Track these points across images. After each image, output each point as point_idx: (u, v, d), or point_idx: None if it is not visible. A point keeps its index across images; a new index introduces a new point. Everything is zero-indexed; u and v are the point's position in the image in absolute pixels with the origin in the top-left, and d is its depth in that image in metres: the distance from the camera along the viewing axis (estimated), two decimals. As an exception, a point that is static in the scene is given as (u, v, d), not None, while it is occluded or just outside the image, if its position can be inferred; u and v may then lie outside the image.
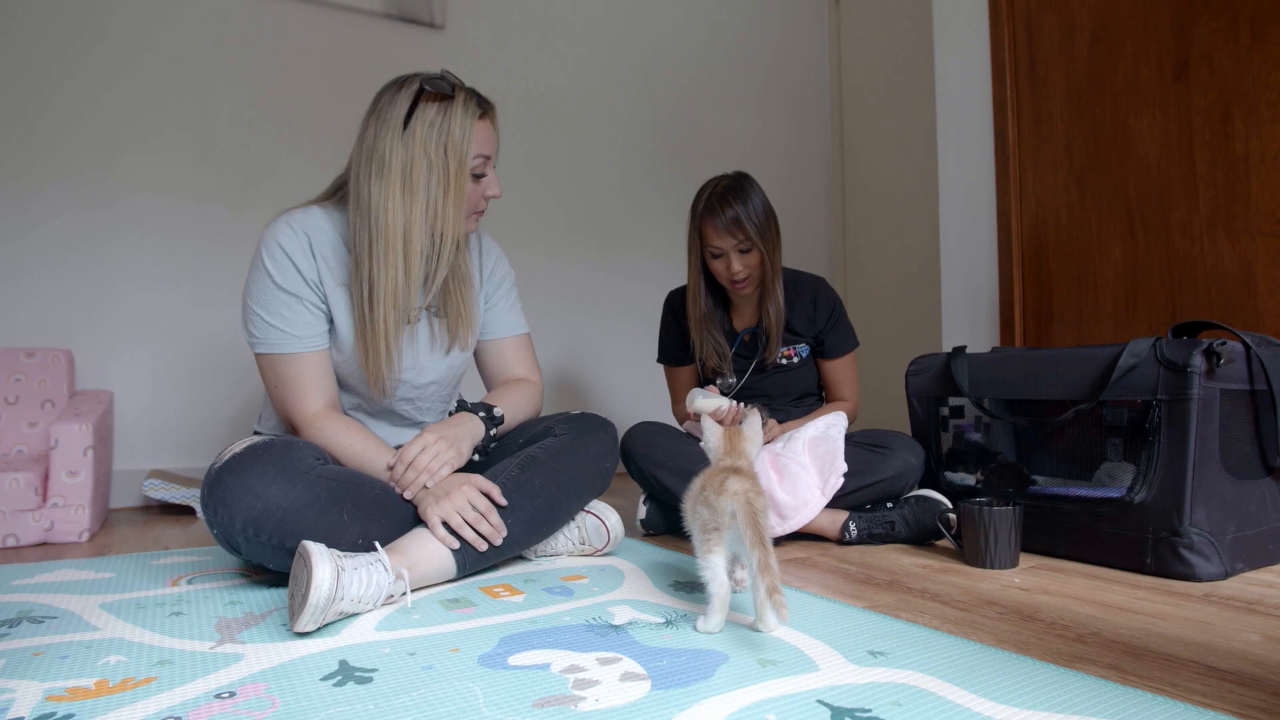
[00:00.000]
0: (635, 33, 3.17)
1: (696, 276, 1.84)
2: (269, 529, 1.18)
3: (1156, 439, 1.36)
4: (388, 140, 1.32)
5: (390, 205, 1.32)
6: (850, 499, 1.62)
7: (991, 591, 1.25)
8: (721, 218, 1.74)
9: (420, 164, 1.32)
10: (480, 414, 1.44)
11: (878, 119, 3.46)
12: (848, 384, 1.93)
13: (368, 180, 1.32)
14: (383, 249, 1.32)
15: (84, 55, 2.24)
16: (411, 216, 1.33)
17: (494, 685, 0.86)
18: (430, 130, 1.32)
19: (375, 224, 1.32)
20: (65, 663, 0.95)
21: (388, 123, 1.32)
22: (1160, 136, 2.02)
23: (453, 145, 1.33)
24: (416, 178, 1.32)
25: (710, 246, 1.77)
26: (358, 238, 1.34)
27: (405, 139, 1.32)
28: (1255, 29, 1.84)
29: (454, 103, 1.34)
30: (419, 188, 1.32)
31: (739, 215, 1.73)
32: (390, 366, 1.39)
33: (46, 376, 2.10)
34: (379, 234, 1.32)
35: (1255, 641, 0.99)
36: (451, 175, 1.34)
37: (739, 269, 1.76)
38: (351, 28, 2.59)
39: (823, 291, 1.90)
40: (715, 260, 1.79)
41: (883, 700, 0.80)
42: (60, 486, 1.78)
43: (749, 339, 1.90)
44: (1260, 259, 1.84)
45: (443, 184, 1.34)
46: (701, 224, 1.78)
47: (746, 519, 0.97)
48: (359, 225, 1.33)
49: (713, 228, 1.75)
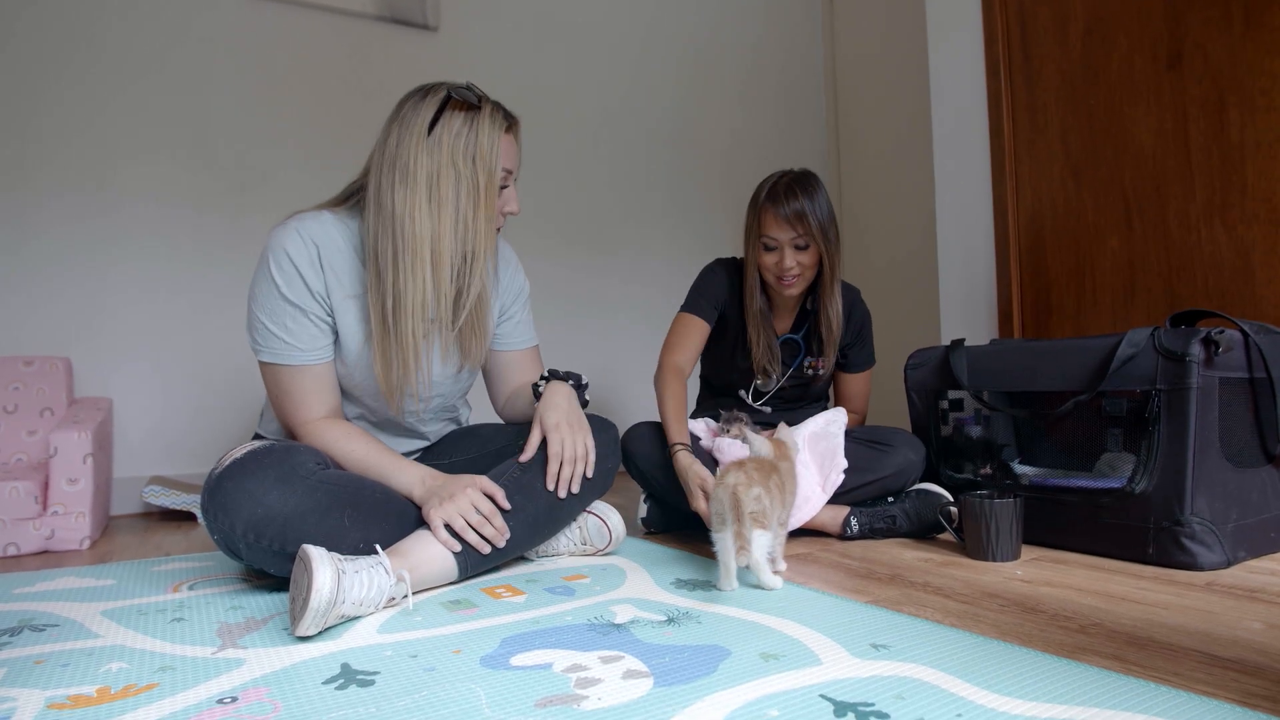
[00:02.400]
0: (630, 32, 3.17)
1: (754, 272, 1.75)
2: (270, 534, 1.17)
3: (1156, 428, 1.36)
4: (411, 146, 1.29)
5: (417, 215, 1.29)
6: (851, 496, 1.62)
7: (993, 584, 1.25)
8: (785, 207, 1.66)
9: (448, 174, 1.30)
10: (570, 383, 1.47)
11: (873, 115, 3.46)
12: (861, 398, 1.92)
13: (390, 188, 1.30)
14: (410, 260, 1.29)
15: (79, 64, 2.24)
16: (440, 228, 1.30)
17: (496, 686, 0.86)
18: (457, 140, 1.30)
19: (401, 233, 1.29)
20: (67, 670, 0.95)
21: (412, 129, 1.30)
22: (1155, 126, 2.02)
23: (481, 157, 1.31)
24: (445, 188, 1.30)
25: (766, 237, 1.69)
26: (380, 246, 1.30)
27: (430, 146, 1.29)
28: (1248, 17, 1.84)
29: (480, 114, 1.33)
30: (447, 199, 1.30)
31: (803, 209, 1.66)
32: (415, 380, 1.37)
33: (45, 384, 2.10)
34: (405, 244, 1.29)
35: (1258, 630, 0.99)
36: (481, 189, 1.32)
37: (791, 265, 1.68)
38: (344, 30, 2.59)
39: (858, 305, 1.86)
40: (768, 253, 1.70)
41: (886, 694, 0.80)
42: (60, 494, 1.78)
43: (789, 345, 1.84)
44: (1257, 247, 1.84)
45: (472, 197, 1.32)
46: (761, 212, 1.70)
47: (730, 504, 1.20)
48: (381, 234, 1.30)
49: (773, 216, 1.67)
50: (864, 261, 3.49)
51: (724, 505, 1.20)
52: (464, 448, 1.58)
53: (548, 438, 1.38)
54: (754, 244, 1.73)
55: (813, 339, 1.81)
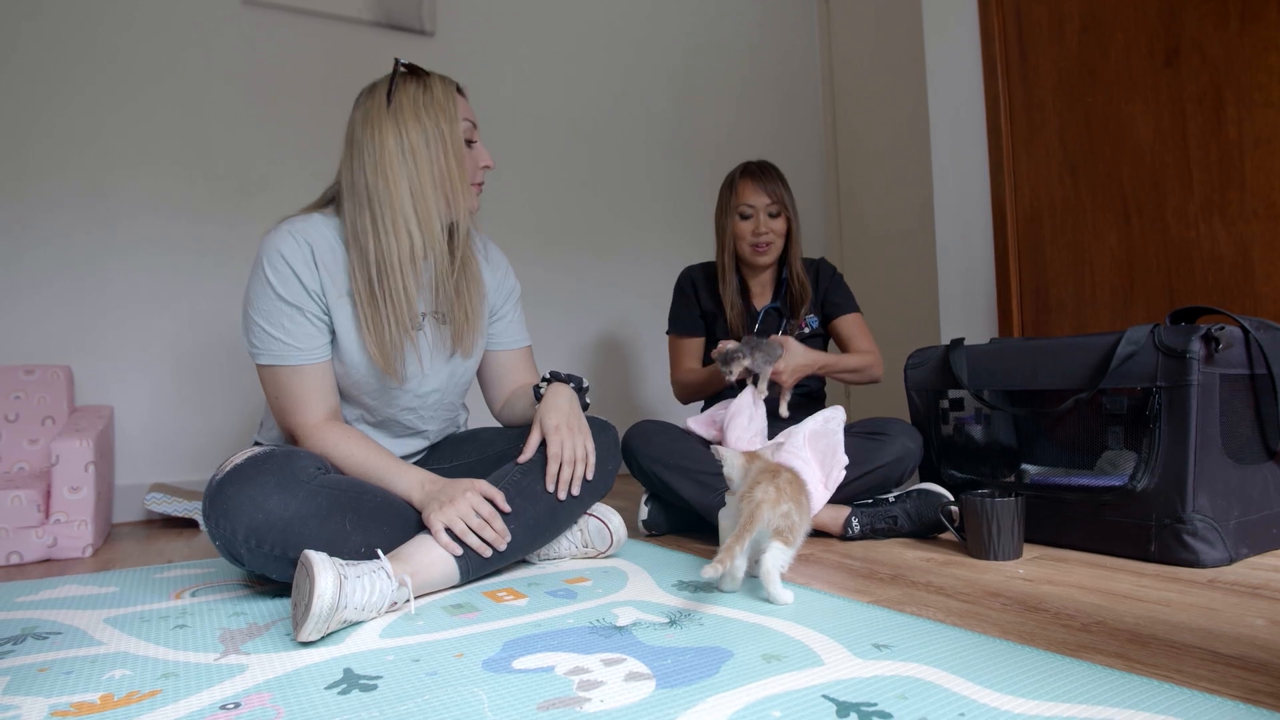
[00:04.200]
0: (626, 34, 3.17)
1: (730, 253, 1.93)
2: (271, 539, 1.17)
3: (1157, 426, 1.36)
4: (375, 123, 1.34)
5: (390, 173, 1.33)
6: (851, 487, 1.62)
7: (995, 583, 1.25)
8: (760, 177, 1.90)
9: (414, 130, 1.34)
10: (571, 385, 1.48)
11: (870, 114, 3.46)
12: (862, 337, 1.97)
13: (361, 168, 1.34)
14: (390, 217, 1.33)
15: (80, 76, 2.25)
16: (419, 178, 1.34)
17: (499, 689, 0.86)
18: (415, 99, 1.35)
19: (376, 199, 1.33)
20: (70, 678, 0.95)
21: (371, 109, 1.36)
22: (1153, 123, 2.02)
23: (439, 106, 1.37)
24: (415, 142, 1.34)
25: (743, 205, 1.89)
26: (357, 224, 1.34)
27: (393, 114, 1.34)
28: (1244, 13, 1.84)
29: (430, 77, 1.40)
30: (419, 150, 1.34)
31: (776, 179, 1.91)
32: (412, 343, 1.39)
33: (46, 393, 2.10)
34: (382, 205, 1.33)
35: (1261, 626, 0.99)
36: (446, 136, 1.36)
37: (764, 231, 1.88)
38: (341, 37, 2.60)
39: (824, 264, 2.03)
40: (743, 222, 1.90)
41: (888, 694, 0.80)
42: (62, 503, 1.78)
43: (771, 314, 1.98)
44: (1256, 243, 1.84)
45: (441, 144, 1.36)
46: (738, 183, 1.91)
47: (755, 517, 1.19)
48: (356, 212, 1.34)
49: (751, 184, 1.90)
50: (863, 260, 3.49)
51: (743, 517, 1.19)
52: (464, 452, 1.58)
53: (547, 439, 1.39)
54: (730, 217, 1.92)
55: (789, 302, 1.97)
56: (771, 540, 1.17)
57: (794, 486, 1.23)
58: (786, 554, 1.18)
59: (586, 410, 1.50)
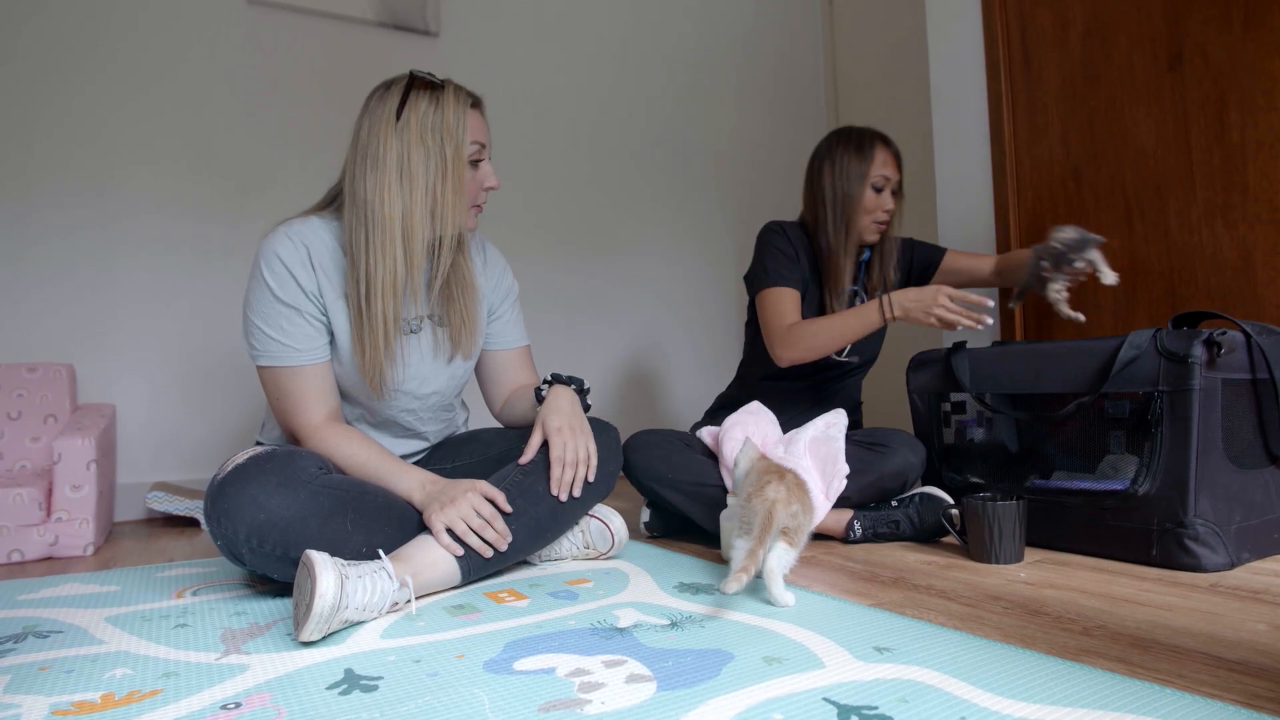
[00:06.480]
0: (630, 35, 3.17)
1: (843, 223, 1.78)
2: (272, 539, 1.17)
3: (1159, 430, 1.36)
4: (381, 134, 1.32)
5: (387, 196, 1.32)
6: (850, 501, 1.61)
7: (997, 586, 1.24)
8: (893, 148, 1.79)
9: (417, 152, 1.32)
10: (572, 387, 1.48)
11: (873, 117, 3.46)
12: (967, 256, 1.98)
13: (363, 177, 1.33)
14: (380, 239, 1.32)
15: (82, 74, 2.25)
16: (411, 204, 1.33)
17: (500, 690, 0.86)
18: (424, 119, 1.33)
19: (372, 217, 1.32)
20: (71, 677, 0.95)
21: (380, 117, 1.33)
22: (1156, 127, 2.02)
23: (448, 130, 1.34)
24: (414, 166, 1.32)
25: (879, 175, 1.76)
26: (354, 237, 1.33)
27: (400, 130, 1.32)
28: (1248, 17, 1.84)
29: (444, 92, 1.36)
30: (417, 175, 1.33)
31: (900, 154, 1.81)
32: (391, 362, 1.38)
33: (48, 391, 2.10)
34: (376, 225, 1.31)
35: (1263, 631, 0.99)
36: (449, 160, 1.34)
37: (891, 205, 1.79)
38: (346, 37, 2.60)
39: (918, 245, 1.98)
40: (877, 193, 1.77)
41: (889, 697, 0.80)
42: (64, 501, 1.78)
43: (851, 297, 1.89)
44: (1259, 247, 1.84)
45: (440, 170, 1.34)
46: (875, 151, 1.77)
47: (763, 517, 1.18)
48: (355, 223, 1.33)
49: (888, 154, 1.78)
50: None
51: (756, 516, 1.18)
52: (466, 452, 1.58)
53: (549, 441, 1.39)
54: (862, 186, 1.76)
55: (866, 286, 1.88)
56: (777, 540, 1.17)
57: (800, 488, 1.24)
58: (790, 555, 1.18)
59: (587, 412, 1.50)
